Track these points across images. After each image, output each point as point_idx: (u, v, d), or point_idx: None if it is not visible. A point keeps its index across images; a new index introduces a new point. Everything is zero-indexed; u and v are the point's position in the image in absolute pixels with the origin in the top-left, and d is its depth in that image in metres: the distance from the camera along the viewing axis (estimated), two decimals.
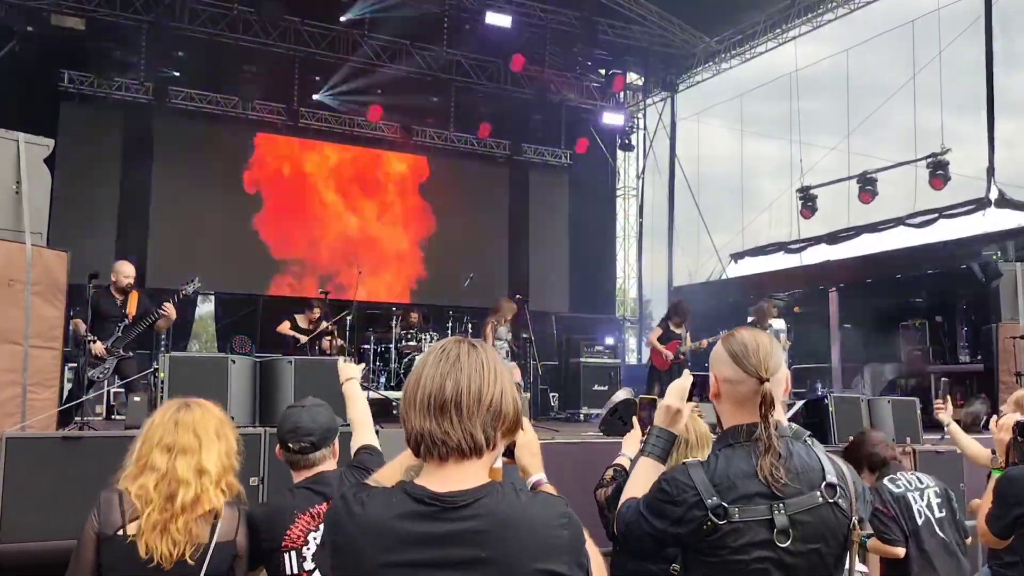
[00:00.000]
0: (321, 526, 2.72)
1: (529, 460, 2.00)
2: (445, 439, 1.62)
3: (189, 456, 2.61)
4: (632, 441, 3.54)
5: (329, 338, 10.29)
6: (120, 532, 2.54)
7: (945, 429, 5.12)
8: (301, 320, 10.42)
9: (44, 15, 12.68)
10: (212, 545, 2.58)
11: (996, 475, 3.29)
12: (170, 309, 7.42)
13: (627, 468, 3.50)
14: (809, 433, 2.24)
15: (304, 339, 10.23)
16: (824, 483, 2.10)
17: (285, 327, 10.40)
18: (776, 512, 2.04)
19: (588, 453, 5.95)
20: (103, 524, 2.58)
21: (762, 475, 2.06)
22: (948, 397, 5.14)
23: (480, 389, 1.65)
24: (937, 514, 4.09)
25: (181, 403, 2.74)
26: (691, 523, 2.06)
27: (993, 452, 3.48)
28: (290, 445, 2.90)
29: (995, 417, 3.56)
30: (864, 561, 3.96)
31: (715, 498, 2.04)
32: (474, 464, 1.65)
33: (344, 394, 3.20)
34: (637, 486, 2.29)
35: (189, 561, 2.53)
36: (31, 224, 5.38)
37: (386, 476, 1.86)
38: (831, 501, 2.09)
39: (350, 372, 3.21)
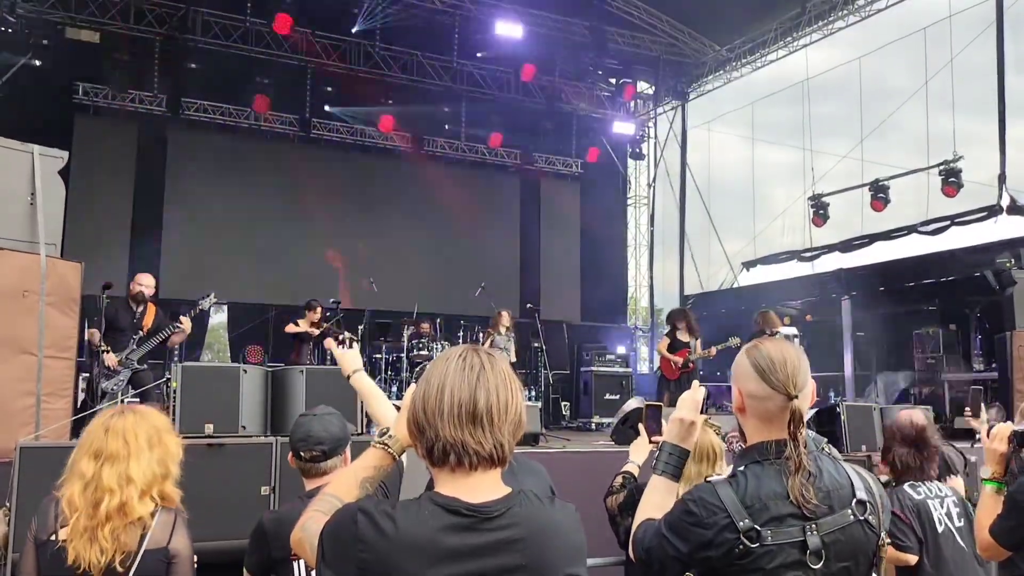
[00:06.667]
0: None
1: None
2: (479, 448, 1.64)
3: (117, 464, 2.59)
4: (639, 448, 3.52)
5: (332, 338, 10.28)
6: (52, 537, 2.56)
7: (977, 437, 5.03)
8: (303, 324, 10.43)
9: (59, 28, 12.82)
10: (140, 552, 2.58)
11: (990, 486, 3.22)
12: (187, 324, 7.48)
13: (636, 475, 3.50)
14: (827, 441, 2.21)
15: (315, 332, 10.27)
16: (855, 500, 2.05)
17: (291, 327, 10.46)
18: (809, 533, 1.98)
19: (599, 462, 5.93)
20: (39, 529, 2.60)
21: (792, 496, 1.99)
22: (981, 406, 5.04)
23: (507, 400, 1.69)
24: (956, 523, 4.03)
25: (118, 409, 2.71)
26: (722, 546, 1.97)
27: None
28: (302, 453, 2.90)
29: (986, 426, 3.49)
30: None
31: (747, 520, 1.96)
32: (496, 472, 1.69)
33: (356, 389, 2.92)
34: (652, 507, 2.19)
35: (118, 568, 2.54)
36: (45, 235, 5.42)
37: (342, 492, 1.83)
38: (862, 518, 2.04)
39: (353, 362, 2.90)
